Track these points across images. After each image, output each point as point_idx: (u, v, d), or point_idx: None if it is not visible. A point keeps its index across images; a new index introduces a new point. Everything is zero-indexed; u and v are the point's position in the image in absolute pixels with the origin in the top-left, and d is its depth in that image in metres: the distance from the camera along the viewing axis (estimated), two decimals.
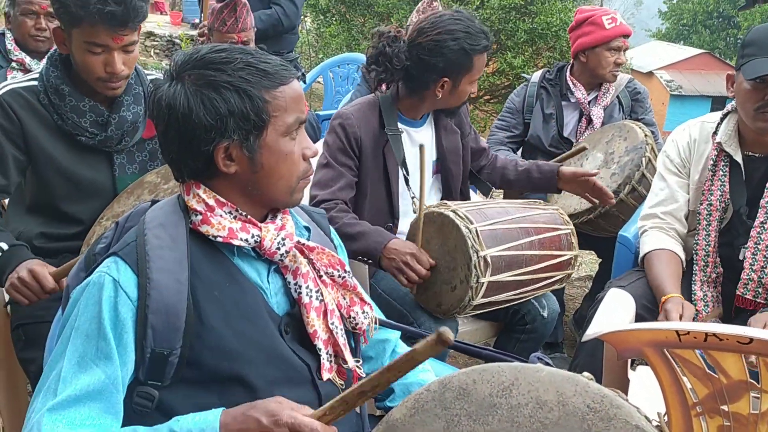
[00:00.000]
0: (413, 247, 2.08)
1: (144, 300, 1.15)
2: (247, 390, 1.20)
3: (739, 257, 2.07)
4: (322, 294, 1.31)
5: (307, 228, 1.40)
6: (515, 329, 2.31)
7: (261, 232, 1.25)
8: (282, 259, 1.28)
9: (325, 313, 1.31)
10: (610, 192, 2.37)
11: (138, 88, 2.01)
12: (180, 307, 1.16)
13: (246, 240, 1.23)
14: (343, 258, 1.43)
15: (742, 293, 2.06)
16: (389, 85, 2.32)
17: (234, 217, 1.24)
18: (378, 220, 2.25)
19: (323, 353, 1.30)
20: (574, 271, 2.23)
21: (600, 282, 2.93)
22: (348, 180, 2.22)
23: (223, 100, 1.17)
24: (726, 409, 1.31)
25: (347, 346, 1.34)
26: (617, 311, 1.84)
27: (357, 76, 4.81)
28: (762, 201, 2.04)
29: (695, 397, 1.34)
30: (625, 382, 1.75)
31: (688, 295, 2.12)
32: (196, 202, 1.23)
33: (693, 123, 2.26)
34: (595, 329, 1.50)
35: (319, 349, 1.29)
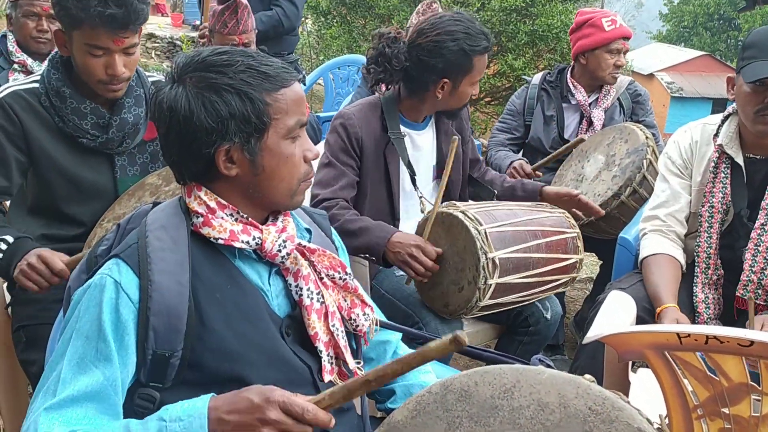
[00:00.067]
0: (418, 239, 2.07)
1: (145, 302, 1.15)
2: None
3: (741, 259, 2.07)
4: (323, 296, 1.31)
5: (308, 230, 1.41)
6: (518, 331, 2.31)
7: (262, 235, 1.25)
8: (283, 262, 1.28)
9: (326, 315, 1.31)
10: (596, 206, 2.36)
11: (139, 90, 2.02)
12: (181, 309, 1.17)
13: (247, 242, 1.24)
14: (344, 260, 1.43)
15: (741, 294, 2.06)
16: (388, 85, 2.32)
17: (235, 220, 1.24)
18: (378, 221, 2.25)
19: (324, 355, 1.30)
20: (579, 274, 2.23)
21: (601, 284, 2.92)
22: (349, 179, 2.22)
23: (224, 103, 1.17)
24: (727, 412, 1.31)
25: (348, 348, 1.34)
26: (618, 313, 1.84)
27: (357, 78, 4.82)
28: (763, 203, 2.04)
29: (696, 400, 1.34)
30: (626, 384, 1.75)
31: (689, 297, 2.12)
32: (197, 204, 1.23)
33: (694, 125, 2.26)
34: (596, 331, 1.50)
35: (320, 351, 1.29)
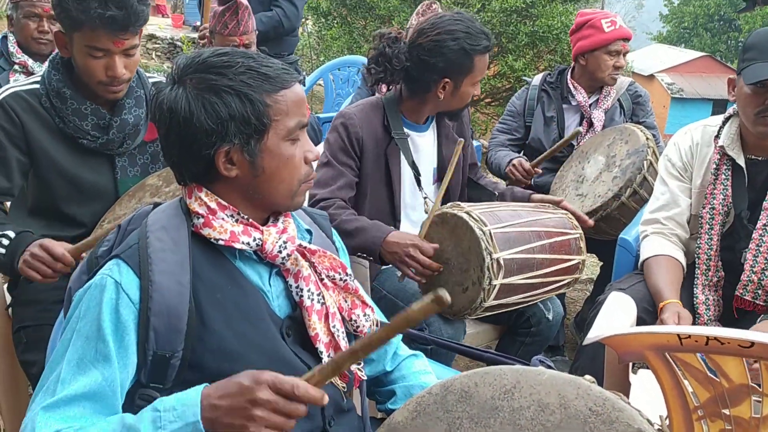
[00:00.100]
0: (414, 238, 2.07)
1: (146, 302, 1.15)
2: None
3: (741, 261, 2.06)
4: (323, 297, 1.31)
5: (308, 231, 1.40)
6: (519, 332, 2.31)
7: (263, 236, 1.25)
8: (284, 263, 1.28)
9: (327, 316, 1.31)
10: (584, 215, 2.34)
11: (139, 91, 2.01)
12: (182, 310, 1.17)
13: (248, 243, 1.23)
14: (345, 260, 1.43)
15: (741, 294, 2.06)
16: (389, 86, 2.32)
17: (236, 221, 1.24)
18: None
19: (325, 356, 1.30)
20: (581, 275, 2.23)
21: (601, 285, 2.92)
22: (348, 179, 2.21)
23: (224, 104, 1.17)
24: (727, 413, 1.31)
25: None
26: (618, 314, 1.84)
27: (357, 79, 4.81)
28: (764, 204, 2.04)
29: (696, 401, 1.34)
30: (627, 385, 1.75)
31: (689, 298, 2.12)
32: (197, 205, 1.23)
33: (695, 126, 2.26)
34: (596, 332, 1.50)
35: (320, 352, 1.29)
